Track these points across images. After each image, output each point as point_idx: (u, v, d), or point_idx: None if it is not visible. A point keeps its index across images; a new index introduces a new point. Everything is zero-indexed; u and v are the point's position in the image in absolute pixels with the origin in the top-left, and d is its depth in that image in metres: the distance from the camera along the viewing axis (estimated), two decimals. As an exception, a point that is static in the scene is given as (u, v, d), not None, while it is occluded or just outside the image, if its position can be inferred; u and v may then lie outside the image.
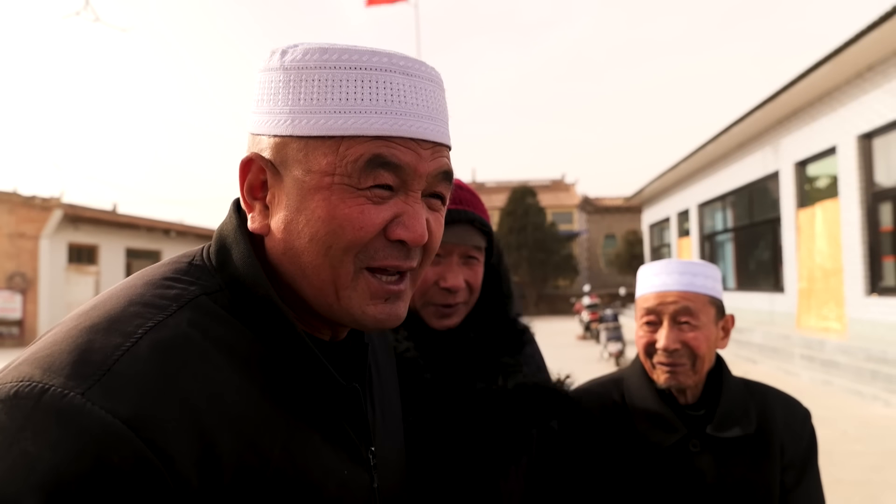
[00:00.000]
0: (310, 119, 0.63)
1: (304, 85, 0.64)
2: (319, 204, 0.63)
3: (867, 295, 9.07)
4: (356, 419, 0.71)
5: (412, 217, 0.65)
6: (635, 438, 1.30)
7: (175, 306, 0.61)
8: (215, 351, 0.60)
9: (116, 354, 0.54)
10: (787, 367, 9.03)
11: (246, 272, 0.65)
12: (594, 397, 1.38)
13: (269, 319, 0.64)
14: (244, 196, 0.68)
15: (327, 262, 0.64)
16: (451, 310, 1.15)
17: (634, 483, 1.27)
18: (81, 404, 0.51)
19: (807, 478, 1.29)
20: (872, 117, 8.80)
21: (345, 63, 0.64)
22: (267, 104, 0.66)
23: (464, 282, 1.15)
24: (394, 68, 0.65)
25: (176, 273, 0.66)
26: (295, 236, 0.64)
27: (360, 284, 0.65)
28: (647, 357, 1.32)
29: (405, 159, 0.64)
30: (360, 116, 0.63)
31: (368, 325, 0.67)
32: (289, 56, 0.65)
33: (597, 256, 33.17)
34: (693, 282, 1.29)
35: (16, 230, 16.72)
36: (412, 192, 0.66)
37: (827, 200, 10.37)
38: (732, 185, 14.10)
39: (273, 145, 0.65)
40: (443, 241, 1.13)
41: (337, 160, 0.62)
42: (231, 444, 0.57)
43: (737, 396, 1.31)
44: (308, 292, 0.66)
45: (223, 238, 0.69)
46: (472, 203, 1.18)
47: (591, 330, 14.77)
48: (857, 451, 5.04)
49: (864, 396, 7.06)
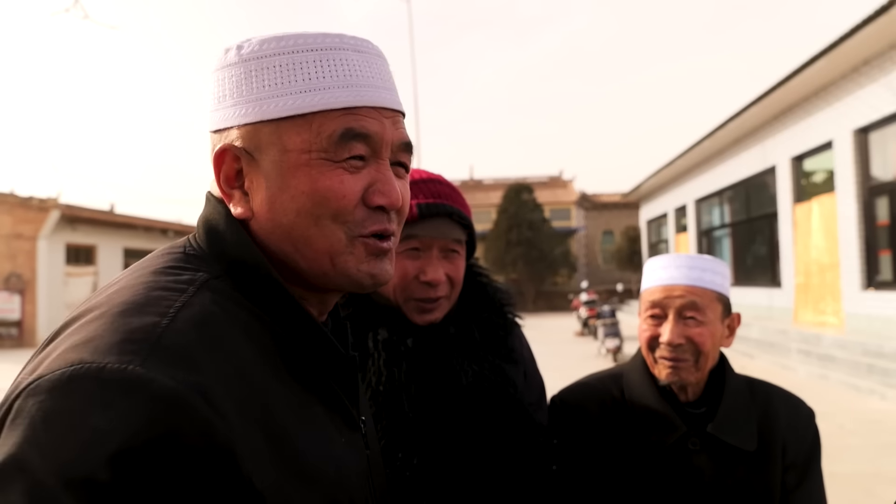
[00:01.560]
0: (278, 102, 0.67)
1: (267, 72, 0.67)
2: (302, 179, 0.67)
3: (864, 289, 9.09)
4: (350, 388, 0.75)
5: (386, 183, 0.70)
6: (633, 435, 1.28)
7: (193, 288, 0.64)
8: (235, 327, 0.63)
9: (158, 330, 0.57)
10: (784, 362, 9.07)
11: (246, 256, 0.68)
12: (592, 392, 1.36)
13: (274, 298, 0.67)
14: (221, 187, 0.71)
15: (319, 232, 0.68)
16: (432, 304, 1.14)
17: (632, 480, 1.25)
18: (144, 373, 0.52)
19: (809, 478, 1.26)
20: (868, 111, 8.81)
21: (301, 46, 0.68)
22: (231, 98, 0.69)
23: (444, 275, 1.14)
24: (346, 46, 0.70)
25: (177, 262, 0.68)
26: (281, 214, 0.68)
27: (357, 247, 0.69)
28: (649, 351, 1.29)
29: (373, 128, 0.69)
30: (326, 93, 0.67)
31: (365, 283, 0.71)
32: (245, 49, 0.69)
33: (595, 253, 33.19)
34: (701, 277, 1.27)
35: (13, 231, 16.68)
36: (381, 161, 0.70)
37: (823, 195, 10.38)
38: (729, 181, 14.12)
39: (244, 134, 0.68)
40: (422, 235, 1.13)
41: (311, 137, 0.66)
42: (258, 412, 0.60)
43: (739, 396, 1.29)
44: (302, 264, 0.69)
45: (213, 227, 0.71)
46: (451, 197, 1.18)
47: (588, 326, 14.77)
48: (853, 444, 5.07)
49: (860, 390, 7.10)
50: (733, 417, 1.26)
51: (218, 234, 0.70)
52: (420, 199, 1.14)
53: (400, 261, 1.13)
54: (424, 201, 1.14)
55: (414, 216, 1.12)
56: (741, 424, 1.26)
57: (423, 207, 1.13)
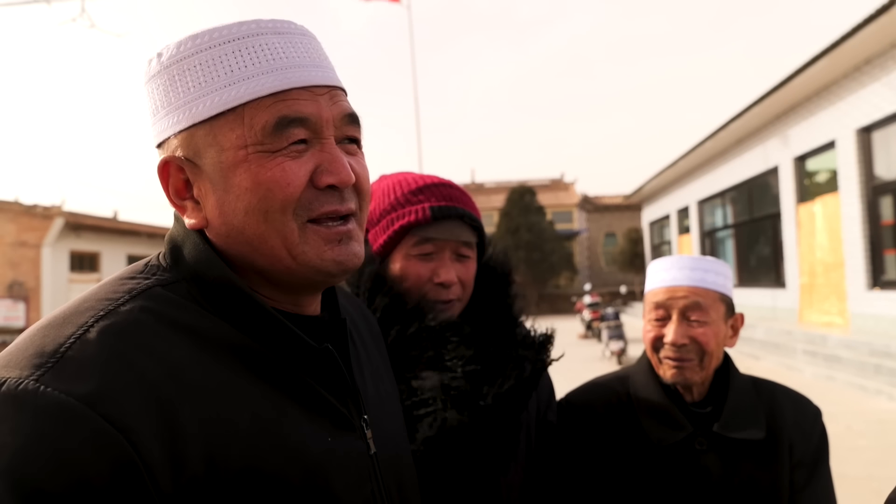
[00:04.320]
0: (205, 101, 0.65)
1: (189, 73, 0.66)
2: (243, 176, 0.65)
3: (869, 289, 9.05)
4: (336, 385, 0.71)
5: (333, 161, 0.67)
6: (640, 435, 1.28)
7: (127, 297, 0.63)
8: (172, 332, 0.62)
9: (68, 343, 0.57)
10: (790, 363, 9.02)
11: (199, 258, 0.67)
12: (599, 394, 1.37)
13: (229, 296, 0.66)
14: (172, 201, 0.69)
15: (270, 227, 0.65)
16: (445, 305, 1.16)
17: (638, 481, 1.26)
18: (35, 388, 0.53)
19: (817, 477, 1.26)
20: (871, 111, 8.79)
21: (217, 40, 0.66)
22: (162, 109, 0.68)
23: (456, 277, 1.16)
24: (264, 31, 0.67)
25: (131, 273, 0.69)
26: (231, 215, 0.66)
27: (310, 236, 0.67)
28: (654, 352, 1.31)
29: (308, 110, 0.66)
30: (251, 82, 0.65)
31: (332, 270, 0.68)
32: (164, 55, 0.67)
33: (597, 255, 33.15)
34: (704, 278, 1.28)
35: (18, 239, 16.73)
36: (326, 140, 0.68)
37: (827, 195, 10.35)
38: (732, 182, 14.09)
39: (181, 142, 0.67)
40: (434, 237, 1.14)
41: (245, 131, 0.64)
42: (193, 414, 0.58)
43: (744, 395, 1.29)
44: (263, 263, 0.68)
45: (173, 239, 0.71)
46: (461, 200, 1.19)
47: (592, 329, 14.76)
48: (861, 445, 5.03)
49: (867, 391, 7.05)
50: (739, 414, 1.26)
51: (176, 244, 0.70)
52: (432, 201, 1.16)
53: (413, 263, 1.15)
54: (437, 204, 1.16)
55: (427, 219, 1.14)
56: (748, 419, 1.26)
57: (436, 210, 1.15)
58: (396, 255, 1.16)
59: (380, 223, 1.18)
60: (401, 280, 1.14)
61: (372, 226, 1.20)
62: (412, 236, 1.14)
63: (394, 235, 1.15)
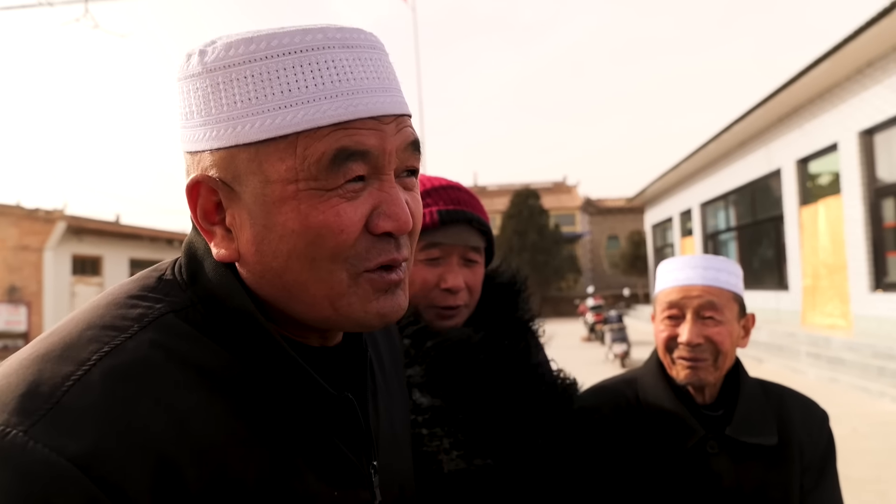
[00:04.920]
0: (253, 122, 0.56)
1: (237, 84, 0.56)
2: (289, 216, 0.56)
3: (872, 291, 9.03)
4: (351, 432, 0.65)
5: (393, 204, 0.58)
6: (650, 439, 1.26)
7: (137, 327, 0.56)
8: (181, 373, 0.55)
9: (66, 385, 0.50)
10: (794, 365, 9.00)
11: (219, 282, 0.60)
12: (607, 396, 1.35)
13: (245, 331, 0.58)
14: (199, 224, 0.61)
15: (316, 276, 0.58)
16: (452, 311, 1.14)
17: (649, 485, 1.24)
18: (24, 443, 0.47)
19: (825, 480, 1.25)
20: (873, 113, 8.78)
21: (275, 50, 0.56)
22: (199, 116, 0.58)
23: (464, 283, 1.14)
24: (332, 43, 0.57)
25: (143, 290, 0.60)
26: (270, 256, 0.58)
27: (362, 287, 0.59)
28: (666, 352, 1.29)
29: (371, 142, 0.57)
30: (310, 106, 0.55)
31: (374, 323, 0.61)
32: (209, 56, 0.57)
33: (600, 258, 33.13)
34: (717, 277, 1.27)
35: (19, 243, 16.77)
36: (386, 176, 0.59)
37: (829, 197, 10.34)
38: (734, 184, 14.08)
39: (218, 161, 0.58)
40: (441, 242, 1.12)
41: (297, 163, 0.55)
42: (198, 473, 0.52)
43: (755, 398, 1.28)
44: (298, 309, 0.60)
45: (193, 249, 0.63)
46: (470, 203, 1.18)
47: (595, 331, 14.72)
48: (865, 448, 5.01)
49: (871, 393, 7.03)
50: (751, 418, 1.25)
51: (196, 257, 0.63)
52: (440, 205, 1.14)
53: (420, 269, 1.13)
54: (445, 208, 1.14)
55: (435, 223, 1.12)
56: (759, 423, 1.25)
57: (444, 214, 1.13)
58: None
59: None
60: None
61: None
62: (419, 241, 1.12)
63: None
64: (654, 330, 1.33)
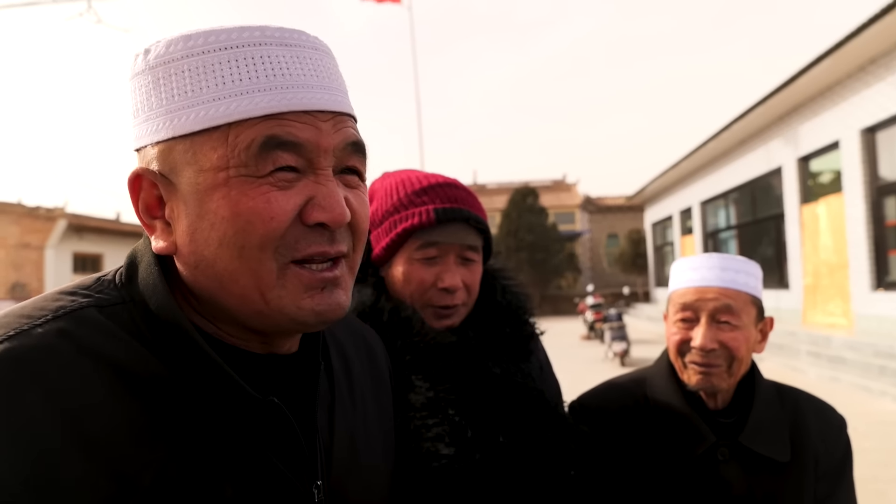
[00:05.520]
0: (188, 114, 0.57)
1: (175, 79, 0.58)
2: (220, 203, 0.57)
3: (873, 290, 9.01)
4: (286, 446, 0.62)
5: (327, 196, 0.59)
6: (659, 443, 1.22)
7: (50, 316, 0.56)
8: (89, 365, 0.54)
9: None
10: (794, 364, 8.99)
11: (147, 280, 0.61)
12: (614, 397, 1.31)
13: (165, 329, 0.58)
14: (141, 217, 0.62)
15: (244, 265, 0.58)
16: (450, 311, 1.12)
17: (656, 489, 1.20)
18: None
19: (840, 488, 1.21)
20: (875, 111, 8.76)
21: (212, 45, 0.58)
22: (142, 112, 0.60)
23: (461, 282, 1.12)
24: (269, 41, 0.59)
25: (76, 287, 0.61)
26: (203, 245, 0.58)
27: (290, 280, 0.59)
28: (678, 356, 1.23)
29: (303, 135, 0.58)
30: (243, 98, 0.57)
31: (309, 321, 0.60)
32: (152, 54, 0.60)
33: (600, 256, 33.12)
34: (735, 279, 1.20)
35: (21, 241, 16.77)
36: (321, 171, 0.60)
37: (831, 195, 10.32)
38: (735, 182, 14.06)
39: (158, 154, 0.59)
40: (438, 241, 1.10)
41: (228, 151, 0.57)
42: (82, 467, 0.51)
43: (770, 406, 1.22)
44: (231, 303, 0.60)
45: (135, 253, 0.65)
46: (467, 201, 1.15)
47: (595, 330, 14.71)
48: (865, 447, 4.99)
49: (871, 392, 7.02)
50: (764, 427, 1.20)
51: (135, 261, 0.64)
52: (437, 203, 1.12)
53: (416, 268, 1.11)
54: (441, 206, 1.11)
55: (431, 221, 1.09)
56: (773, 434, 1.20)
57: (440, 212, 1.10)
58: (399, 259, 1.12)
59: (382, 225, 1.14)
60: (403, 284, 1.11)
61: (374, 227, 1.16)
62: (416, 240, 1.10)
63: (396, 238, 1.11)
64: (666, 331, 1.27)
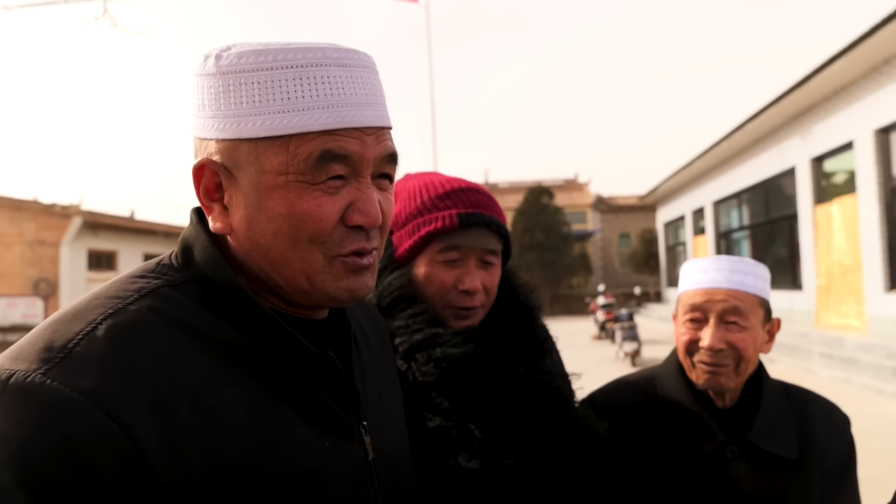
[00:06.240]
0: (255, 121, 0.66)
1: (245, 88, 0.67)
2: (278, 202, 0.67)
3: (887, 291, 8.94)
4: (337, 391, 0.73)
5: (366, 202, 0.69)
6: (668, 441, 1.25)
7: (136, 296, 0.66)
8: (176, 332, 0.64)
9: (76, 339, 0.60)
10: (806, 365, 8.94)
11: (207, 260, 0.70)
12: (624, 395, 1.33)
13: (234, 300, 0.68)
14: (201, 199, 0.71)
15: (296, 255, 0.68)
16: (469, 312, 1.16)
17: (665, 486, 1.22)
18: (42, 382, 0.56)
19: (845, 486, 1.24)
20: (889, 111, 8.69)
21: (280, 63, 0.66)
22: (210, 109, 0.69)
23: (481, 284, 1.15)
24: (329, 62, 0.68)
25: (143, 271, 0.71)
26: (259, 234, 0.68)
27: (335, 268, 0.70)
28: (687, 356, 1.26)
29: (352, 149, 0.68)
30: (304, 114, 0.66)
31: (343, 298, 0.71)
32: (224, 60, 0.68)
33: (611, 256, 32.98)
34: (744, 281, 1.23)
35: (37, 237, 17.00)
36: (363, 178, 0.70)
37: (844, 196, 10.25)
38: (748, 182, 13.98)
39: (223, 149, 0.68)
40: (461, 245, 1.14)
41: (289, 159, 0.66)
42: (191, 414, 0.61)
43: (777, 405, 1.26)
44: (279, 282, 0.70)
45: (186, 240, 0.73)
46: (488, 206, 1.19)
47: (606, 330, 14.68)
48: (878, 449, 4.98)
49: (884, 394, 6.98)
50: (772, 425, 1.23)
51: (188, 245, 0.72)
52: (460, 208, 1.15)
53: (438, 270, 1.15)
54: (464, 211, 1.15)
55: (454, 225, 1.13)
56: (780, 432, 1.23)
57: (463, 217, 1.14)
58: (421, 261, 1.16)
59: (405, 227, 1.18)
60: (425, 285, 1.15)
61: (397, 228, 1.19)
62: (438, 242, 1.14)
63: (420, 241, 1.15)
64: (675, 331, 1.30)
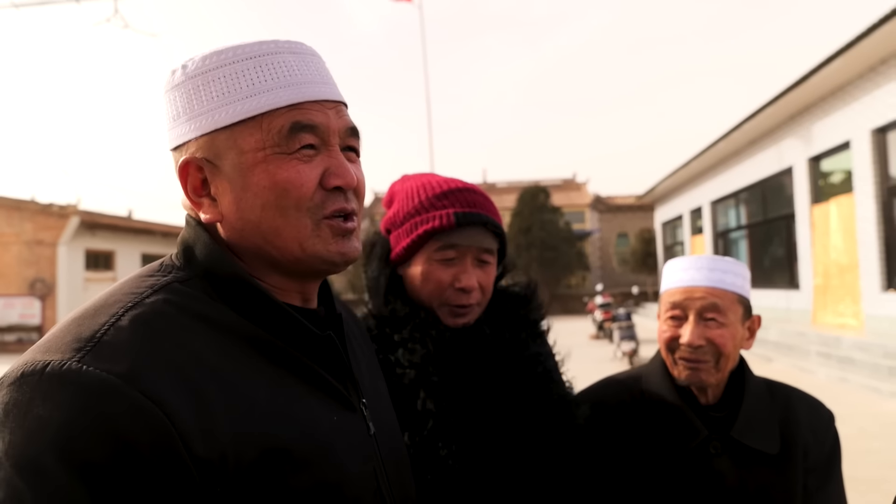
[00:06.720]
0: (227, 110, 0.73)
1: (213, 84, 0.73)
2: (261, 176, 0.72)
3: (884, 290, 8.98)
4: (338, 369, 0.78)
5: (339, 166, 0.76)
6: (653, 437, 1.28)
7: (150, 291, 0.70)
8: (192, 322, 0.69)
9: (103, 330, 0.64)
10: (803, 365, 8.97)
11: (211, 256, 0.74)
12: (611, 393, 1.36)
13: (240, 290, 0.73)
14: (190, 197, 0.76)
15: (285, 222, 0.73)
16: (465, 309, 1.18)
17: (650, 482, 1.25)
18: (78, 368, 0.59)
19: (829, 481, 1.25)
20: (886, 111, 8.71)
21: (240, 56, 0.74)
22: (184, 114, 0.75)
23: (477, 283, 1.17)
24: (282, 50, 0.76)
25: (149, 272, 0.76)
26: (248, 211, 0.73)
27: (323, 230, 0.75)
28: (668, 352, 1.29)
29: (318, 119, 0.75)
30: (270, 94, 0.73)
31: (337, 261, 0.76)
32: (190, 67, 0.75)
33: (609, 255, 33.03)
34: (722, 279, 1.26)
35: (34, 237, 16.97)
36: (332, 147, 0.76)
37: (841, 196, 10.27)
38: (745, 182, 14.01)
39: (202, 145, 0.74)
40: (457, 243, 1.16)
41: (263, 135, 0.72)
42: (217, 394, 0.65)
43: (760, 400, 1.28)
44: (275, 254, 0.75)
45: (185, 241, 0.78)
46: (484, 206, 1.21)
47: (604, 329, 14.70)
48: (874, 448, 5.00)
49: (881, 393, 7.00)
50: (755, 420, 1.25)
51: (188, 244, 0.77)
52: (457, 207, 1.18)
53: (435, 268, 1.17)
54: (461, 210, 1.17)
55: (451, 224, 1.16)
56: (763, 427, 1.25)
57: (460, 216, 1.16)
58: (418, 259, 1.18)
59: (403, 226, 1.21)
60: (422, 283, 1.17)
61: (395, 227, 1.22)
62: (435, 241, 1.16)
63: (417, 240, 1.17)
64: (658, 329, 1.34)
